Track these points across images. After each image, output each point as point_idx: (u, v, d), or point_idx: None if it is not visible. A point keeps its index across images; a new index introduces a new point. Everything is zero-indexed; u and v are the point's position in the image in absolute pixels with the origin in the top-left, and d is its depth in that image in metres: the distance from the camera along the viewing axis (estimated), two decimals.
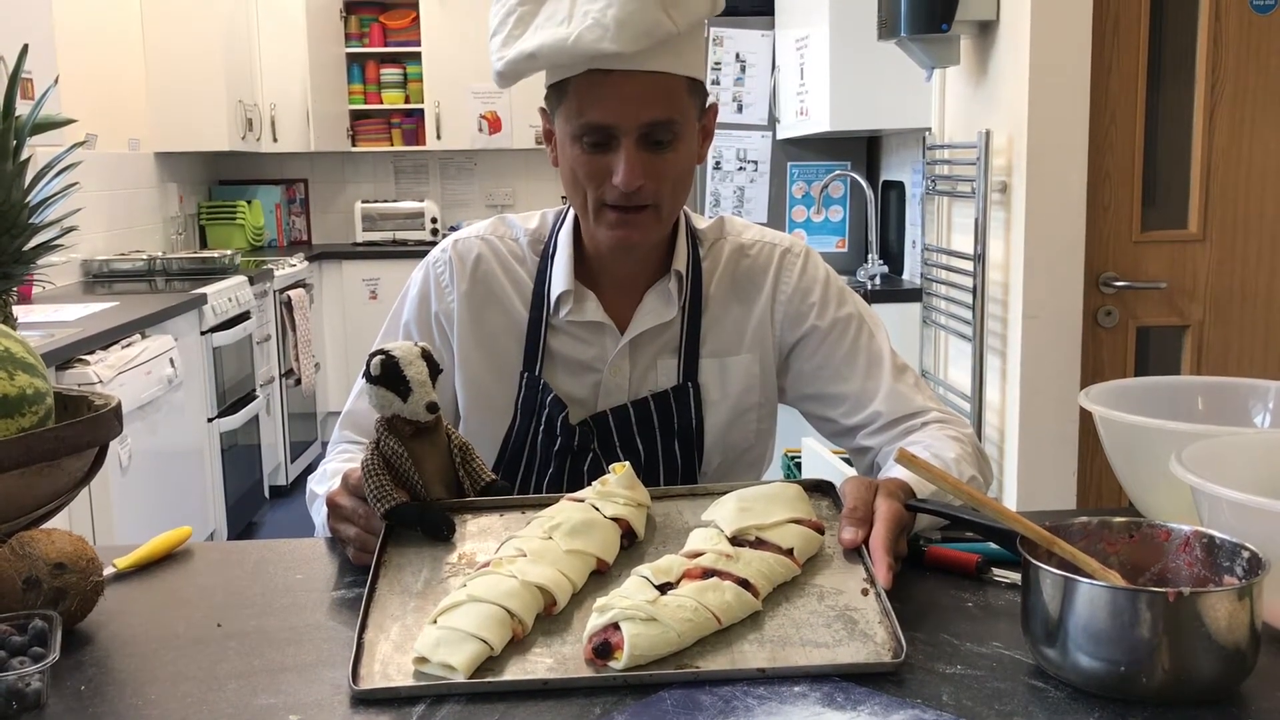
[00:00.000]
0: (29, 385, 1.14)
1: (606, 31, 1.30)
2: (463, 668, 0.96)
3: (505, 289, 1.54)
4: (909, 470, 1.14)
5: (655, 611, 0.99)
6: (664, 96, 1.37)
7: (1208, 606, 0.90)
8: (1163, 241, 2.93)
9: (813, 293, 1.55)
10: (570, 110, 1.39)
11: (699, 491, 1.33)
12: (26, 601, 1.05)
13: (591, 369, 1.51)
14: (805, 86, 4.01)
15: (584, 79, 1.36)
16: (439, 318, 1.55)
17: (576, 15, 1.33)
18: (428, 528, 1.22)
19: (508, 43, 1.40)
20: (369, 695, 0.95)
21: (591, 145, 1.38)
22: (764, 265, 1.55)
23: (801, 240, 1.61)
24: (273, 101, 6.07)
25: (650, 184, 1.38)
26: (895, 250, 4.29)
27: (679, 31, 1.35)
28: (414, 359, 1.25)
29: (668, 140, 1.38)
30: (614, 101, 1.36)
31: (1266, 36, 2.83)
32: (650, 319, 1.51)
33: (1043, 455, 2.94)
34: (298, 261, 5.65)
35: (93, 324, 3.42)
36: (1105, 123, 2.86)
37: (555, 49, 1.34)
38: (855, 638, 1.01)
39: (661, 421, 1.51)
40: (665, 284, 1.51)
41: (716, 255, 1.55)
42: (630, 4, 1.31)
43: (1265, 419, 1.39)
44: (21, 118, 1.34)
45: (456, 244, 1.57)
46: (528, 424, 1.52)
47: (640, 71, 1.35)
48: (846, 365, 1.53)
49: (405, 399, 1.24)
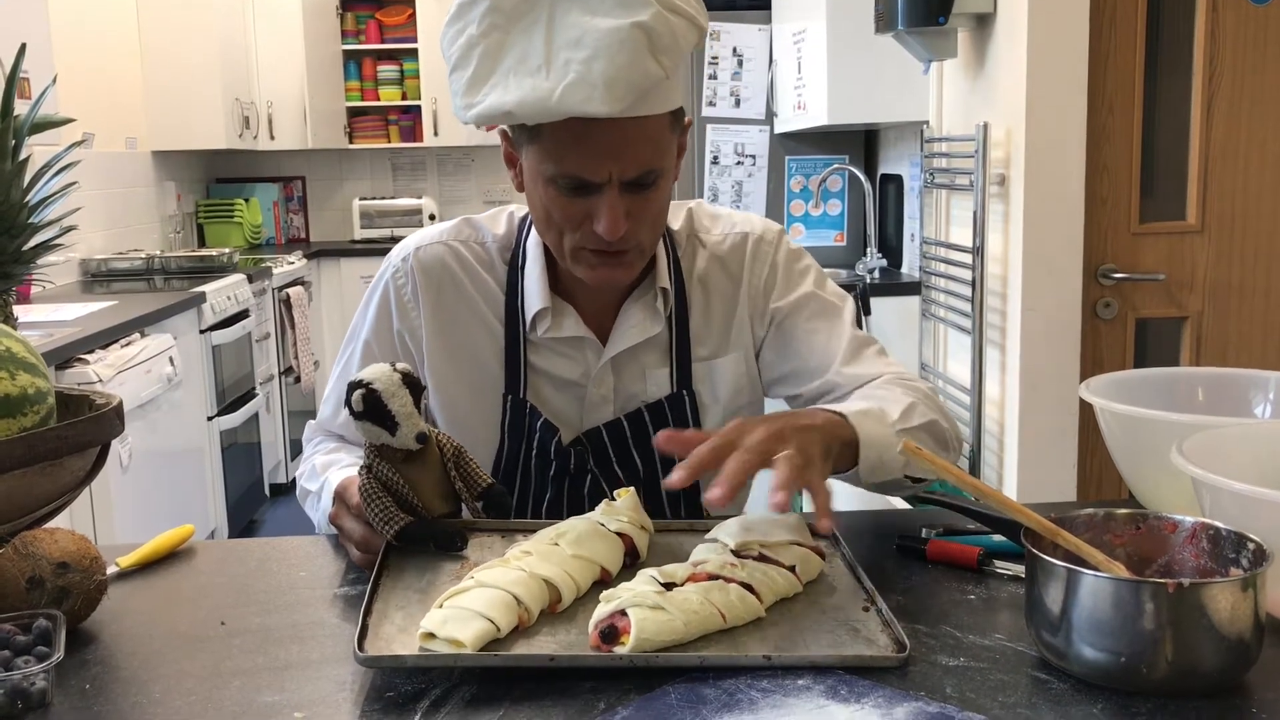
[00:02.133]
0: (30, 385, 1.14)
1: (594, 91, 1.18)
2: (470, 643, 0.96)
3: (475, 301, 1.45)
4: (913, 461, 1.13)
5: (663, 600, 1.00)
6: (649, 144, 1.28)
7: (1210, 597, 0.90)
8: (1161, 233, 2.93)
9: (778, 276, 1.49)
10: (545, 154, 1.28)
11: (698, 526, 1.31)
12: (30, 601, 1.05)
13: (575, 385, 1.45)
14: (803, 80, 4.01)
15: (561, 125, 1.23)
16: (402, 336, 1.47)
17: (556, 64, 1.20)
18: (440, 542, 1.21)
19: (475, 86, 1.25)
20: (374, 663, 0.96)
21: (569, 190, 1.29)
22: (739, 258, 1.49)
23: (773, 224, 1.54)
24: (269, 99, 6.06)
25: (633, 227, 1.30)
26: (894, 244, 4.29)
27: (668, 77, 1.24)
28: (396, 389, 1.20)
29: (651, 182, 1.30)
30: (597, 155, 1.25)
31: (1264, 28, 2.83)
32: (635, 334, 1.44)
33: (1043, 448, 2.94)
34: (296, 259, 5.65)
35: (92, 323, 3.41)
36: (1103, 115, 2.86)
37: (536, 108, 1.20)
38: (858, 641, 1.02)
39: (658, 432, 1.46)
40: (646, 296, 1.45)
41: (691, 254, 1.49)
42: (619, 56, 1.18)
43: (1266, 409, 1.39)
44: (20, 117, 1.34)
45: (418, 252, 1.46)
46: (517, 448, 1.45)
47: (624, 120, 1.23)
48: (805, 343, 1.47)
49: (393, 433, 1.21)
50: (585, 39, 1.19)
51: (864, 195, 4.23)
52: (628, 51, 1.19)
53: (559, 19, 1.21)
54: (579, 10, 1.21)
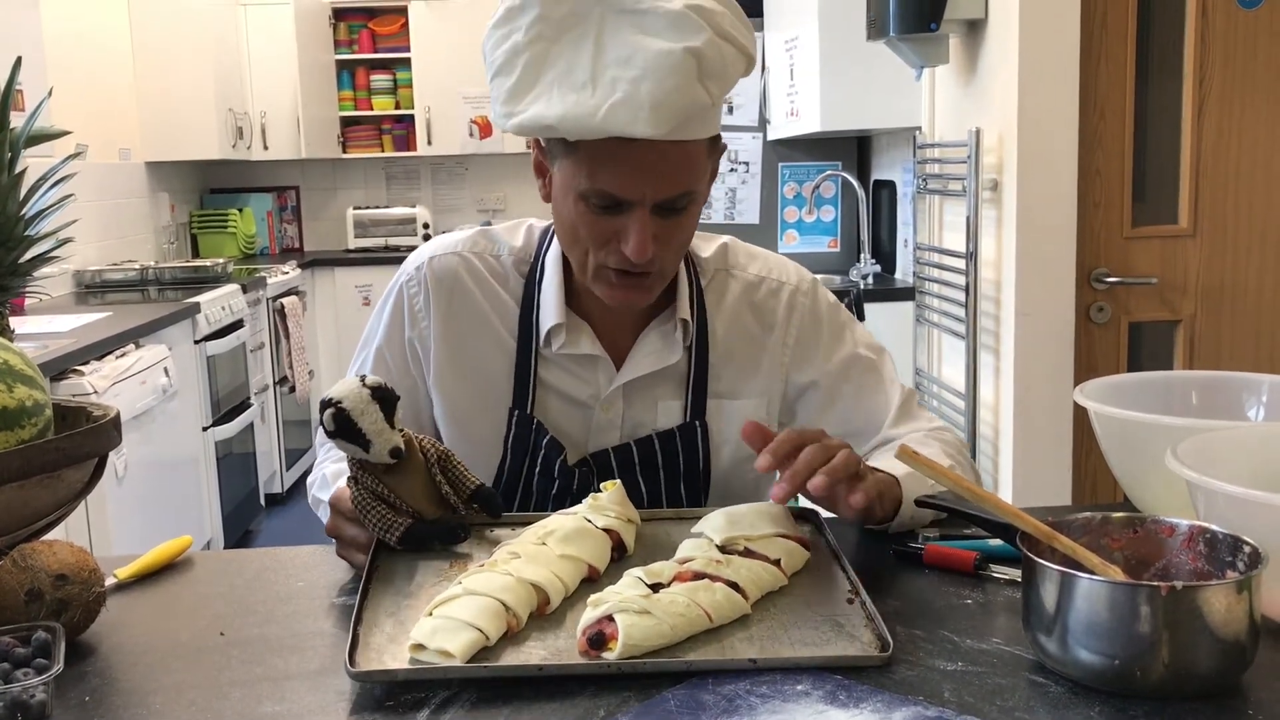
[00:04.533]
0: (28, 397, 1.14)
1: (640, 112, 1.17)
2: (459, 654, 0.97)
3: (486, 314, 1.44)
4: (910, 466, 1.14)
5: (649, 605, 1.01)
6: (688, 168, 1.26)
7: (1205, 600, 0.90)
8: (1153, 237, 2.94)
9: (820, 335, 1.49)
10: (579, 169, 1.26)
11: (685, 515, 1.34)
12: (29, 613, 1.05)
13: (583, 405, 1.44)
14: (795, 87, 4.02)
15: (600, 142, 1.22)
16: (413, 344, 1.46)
17: (603, 81, 1.18)
18: (444, 537, 1.23)
19: (518, 95, 1.23)
20: (365, 678, 0.96)
21: (600, 207, 1.27)
22: (773, 307, 1.48)
23: (807, 273, 1.53)
24: (263, 109, 6.06)
25: (659, 250, 1.28)
26: (887, 249, 4.30)
27: (714, 104, 1.24)
28: (365, 406, 1.19)
29: (683, 206, 1.29)
30: (634, 174, 1.24)
31: (1253, 31, 2.85)
32: (651, 361, 1.43)
33: (1037, 452, 2.95)
34: (290, 269, 5.65)
35: (86, 335, 3.41)
36: (1095, 119, 2.88)
37: (579, 124, 1.19)
38: (842, 638, 1.03)
39: (666, 462, 1.44)
40: (667, 325, 1.43)
41: (720, 289, 1.47)
42: (668, 79, 1.17)
43: (1259, 412, 1.40)
44: (16, 130, 1.34)
45: (432, 261, 1.46)
46: (520, 463, 1.44)
47: (665, 142, 1.22)
48: (853, 406, 1.48)
49: (367, 450, 1.21)
50: (635, 58, 1.18)
51: (857, 201, 4.24)
52: (678, 76, 1.18)
53: (609, 35, 1.20)
54: (631, 29, 1.19)
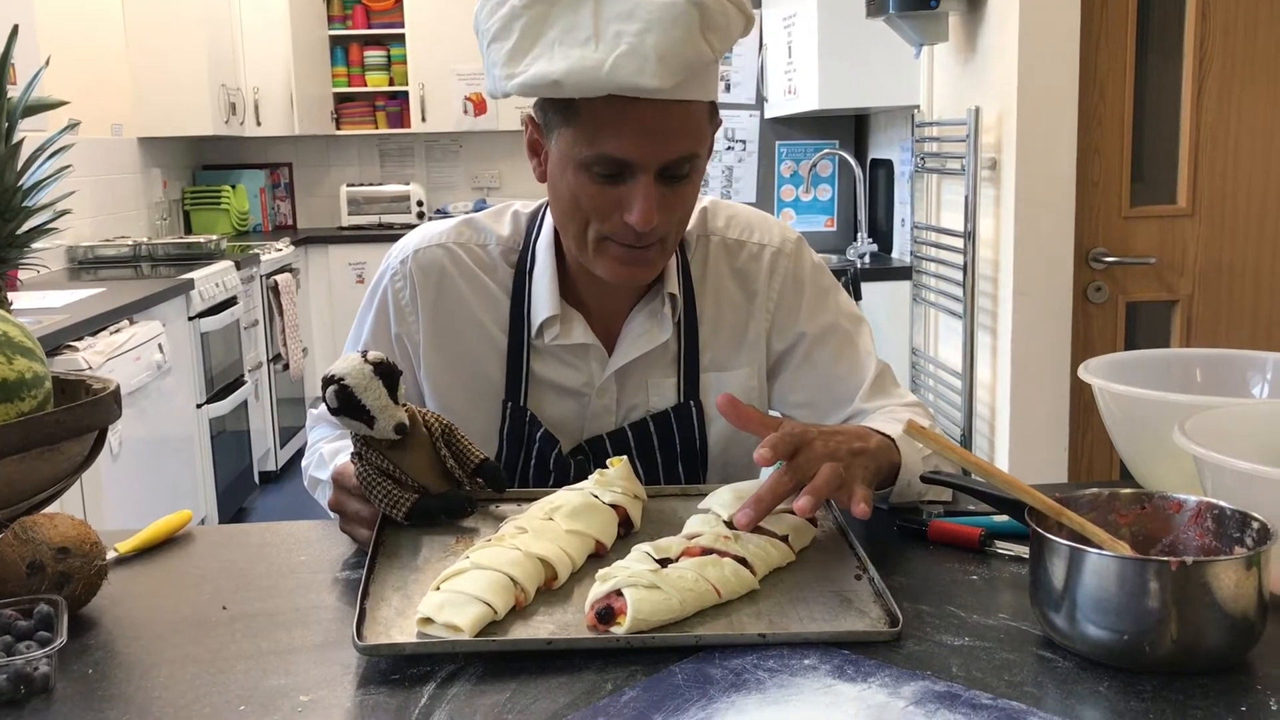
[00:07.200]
0: (28, 369, 1.14)
1: (646, 63, 1.15)
2: (468, 627, 0.97)
3: (473, 305, 1.42)
4: (917, 440, 1.14)
5: (657, 580, 1.01)
6: (691, 129, 1.25)
7: (1214, 576, 0.90)
8: (1152, 217, 2.94)
9: (801, 299, 1.47)
10: (581, 135, 1.24)
11: (690, 491, 1.34)
12: (31, 586, 1.04)
13: (577, 394, 1.43)
14: (793, 65, 4.00)
15: (601, 103, 1.20)
16: (400, 339, 1.45)
17: (606, 35, 1.17)
18: (451, 510, 1.23)
19: (517, 57, 1.21)
20: (373, 651, 0.96)
21: (602, 176, 1.25)
22: (754, 272, 1.46)
23: (790, 232, 1.51)
24: (256, 85, 6.02)
25: (662, 219, 1.27)
26: (885, 228, 4.29)
27: (715, 60, 1.23)
28: (368, 382, 1.19)
29: (686, 173, 1.27)
30: (638, 136, 1.22)
31: (1253, 10, 2.84)
32: (643, 343, 1.42)
33: (1034, 431, 2.95)
34: (283, 246, 5.62)
35: (80, 310, 3.39)
36: (1094, 98, 2.87)
37: (585, 78, 1.17)
38: (851, 613, 1.03)
39: (662, 443, 1.44)
40: (654, 303, 1.42)
41: (703, 255, 1.46)
42: (672, 30, 1.16)
43: (1264, 389, 1.40)
44: (13, 100, 1.33)
45: (417, 254, 1.43)
46: (515, 454, 1.43)
47: (668, 101, 1.21)
48: (830, 373, 1.48)
49: (371, 426, 1.20)
50: (638, 11, 1.17)
51: (855, 180, 4.23)
52: (681, 26, 1.17)
53: None
54: None
